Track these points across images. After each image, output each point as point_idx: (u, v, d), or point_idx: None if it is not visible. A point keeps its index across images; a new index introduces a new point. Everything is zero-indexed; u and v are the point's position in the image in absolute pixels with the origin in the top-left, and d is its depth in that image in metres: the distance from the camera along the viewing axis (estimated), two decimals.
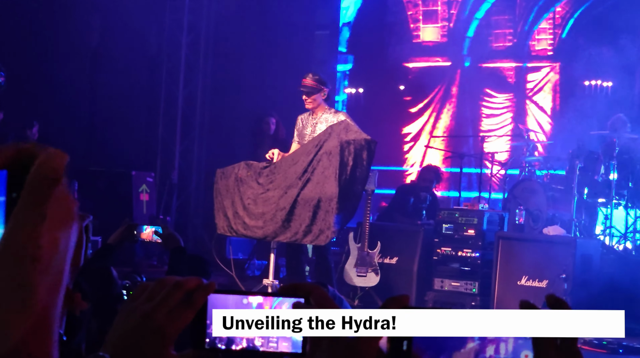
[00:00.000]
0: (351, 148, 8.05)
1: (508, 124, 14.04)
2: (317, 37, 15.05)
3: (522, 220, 9.98)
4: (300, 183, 8.19)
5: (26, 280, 1.00)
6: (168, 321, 1.23)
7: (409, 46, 14.81)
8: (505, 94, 14.27)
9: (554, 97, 14.00)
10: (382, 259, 9.93)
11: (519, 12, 14.20)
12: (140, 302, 1.26)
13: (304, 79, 8.70)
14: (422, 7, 14.85)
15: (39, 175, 1.03)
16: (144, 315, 1.24)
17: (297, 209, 8.16)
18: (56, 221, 1.03)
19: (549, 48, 14.09)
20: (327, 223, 8.03)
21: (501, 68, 14.40)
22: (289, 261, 8.86)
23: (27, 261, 1.00)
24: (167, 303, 1.24)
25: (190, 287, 1.26)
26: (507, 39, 14.35)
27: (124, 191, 12.31)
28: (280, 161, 8.43)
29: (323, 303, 1.25)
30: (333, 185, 8.01)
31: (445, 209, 10.22)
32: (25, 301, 1.00)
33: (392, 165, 14.09)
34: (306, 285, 1.27)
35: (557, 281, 8.74)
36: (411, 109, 14.67)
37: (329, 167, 8.06)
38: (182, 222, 13.93)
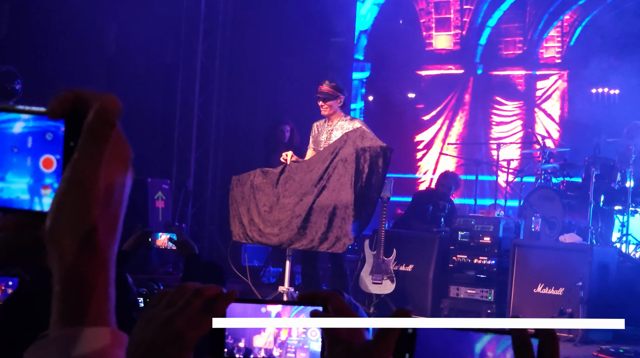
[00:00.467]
0: (367, 155, 8.05)
1: (518, 132, 14.03)
2: (332, 45, 15.05)
3: (538, 228, 9.95)
4: (316, 190, 8.19)
5: (88, 222, 1.02)
6: (188, 328, 1.24)
7: (422, 54, 14.81)
8: (515, 101, 14.27)
9: (562, 105, 13.99)
10: (398, 266, 9.92)
11: (529, 20, 14.20)
12: (160, 309, 1.26)
13: (320, 85, 8.73)
14: (435, 15, 14.84)
15: (96, 120, 1.05)
16: (164, 321, 1.24)
17: (312, 216, 8.16)
18: (112, 166, 1.05)
19: (557, 56, 14.08)
20: (344, 231, 8.03)
21: (511, 76, 14.39)
22: (304, 269, 8.85)
23: (87, 204, 1.01)
24: (188, 310, 1.24)
25: (211, 295, 1.26)
26: (517, 47, 14.34)
27: (139, 198, 12.33)
28: (296, 168, 8.43)
29: (341, 311, 1.25)
30: (349, 192, 8.00)
31: (461, 217, 10.21)
32: (89, 241, 1.01)
33: (405, 173, 14.08)
34: (324, 293, 1.28)
35: (574, 289, 8.70)
36: (424, 117, 14.66)
37: (344, 174, 8.06)
38: (197, 229, 13.95)
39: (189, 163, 14.04)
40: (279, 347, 1.31)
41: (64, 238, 1.01)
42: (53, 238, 1.02)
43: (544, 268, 9.09)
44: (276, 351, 1.30)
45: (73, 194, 1.02)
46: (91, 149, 1.03)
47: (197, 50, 14.09)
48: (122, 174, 1.06)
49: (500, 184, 11.93)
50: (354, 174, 8.00)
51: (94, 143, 1.04)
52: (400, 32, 14.95)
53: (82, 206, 1.02)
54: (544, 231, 9.98)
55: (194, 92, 14.10)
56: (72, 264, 1.01)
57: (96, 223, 1.02)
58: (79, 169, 1.02)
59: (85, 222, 1.02)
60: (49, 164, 1.06)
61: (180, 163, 14.08)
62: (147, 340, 1.23)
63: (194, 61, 14.12)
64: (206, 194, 14.16)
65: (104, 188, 1.03)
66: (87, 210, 1.02)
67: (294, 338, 1.32)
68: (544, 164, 10.71)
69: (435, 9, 14.83)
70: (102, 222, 1.03)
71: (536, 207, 10.08)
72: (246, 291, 9.46)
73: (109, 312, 1.03)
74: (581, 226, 9.86)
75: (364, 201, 8.06)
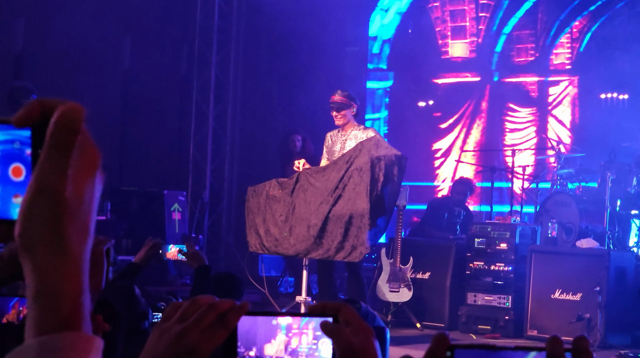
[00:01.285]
0: (382, 164, 8.06)
1: (532, 139, 14.01)
2: (347, 54, 15.08)
3: (554, 233, 9.92)
4: (332, 200, 8.20)
5: (58, 230, 1.02)
6: (201, 341, 1.25)
7: (438, 62, 14.82)
8: (528, 108, 14.27)
9: (573, 111, 13.97)
10: (415, 274, 9.92)
11: (541, 26, 14.20)
12: (173, 322, 1.28)
13: (333, 95, 8.75)
14: (451, 23, 14.85)
15: (57, 128, 1.04)
16: (177, 334, 1.26)
17: (328, 225, 8.17)
18: (80, 173, 1.04)
19: (567, 62, 14.08)
20: (360, 240, 8.03)
21: (524, 82, 14.39)
22: (320, 278, 8.86)
23: (56, 212, 1.02)
24: (201, 324, 1.26)
25: (224, 309, 1.28)
26: (529, 54, 14.35)
27: (156, 210, 12.38)
28: (311, 177, 8.44)
29: (352, 322, 1.27)
30: (364, 201, 8.01)
31: (478, 224, 10.19)
32: (60, 249, 1.01)
33: (423, 181, 14.07)
34: (335, 304, 1.29)
35: (591, 295, 8.68)
36: (441, 125, 14.66)
37: (359, 183, 8.07)
38: (214, 240, 13.99)
39: (204, 175, 14.08)
40: (289, 355, 1.32)
41: (35, 247, 1.01)
42: (24, 248, 1.02)
43: (561, 273, 9.07)
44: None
45: (40, 203, 1.02)
46: (54, 157, 1.02)
47: (211, 62, 14.15)
48: (90, 181, 1.06)
49: (516, 191, 11.91)
50: (370, 183, 8.01)
51: (56, 150, 1.03)
52: (416, 40, 14.97)
53: (51, 214, 1.02)
54: (560, 236, 9.96)
55: (208, 104, 14.16)
56: (44, 272, 1.01)
57: (66, 231, 1.02)
58: (43, 178, 1.02)
59: (55, 231, 1.02)
60: (18, 172, 1.07)
61: (196, 175, 14.13)
62: (161, 353, 1.25)
63: (208, 73, 14.18)
64: (222, 205, 14.19)
65: (73, 195, 1.03)
66: (57, 219, 1.02)
67: (305, 346, 1.34)
68: (560, 169, 10.68)
69: (451, 17, 14.84)
70: (73, 229, 1.03)
71: (552, 213, 10.05)
72: (264, 301, 9.48)
73: (83, 318, 1.03)
74: (598, 231, 9.83)
75: (380, 210, 8.07)
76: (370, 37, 15.14)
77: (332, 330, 1.26)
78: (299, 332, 1.34)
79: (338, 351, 1.25)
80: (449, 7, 14.83)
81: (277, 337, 1.33)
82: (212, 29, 14.18)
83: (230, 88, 14.37)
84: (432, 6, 14.95)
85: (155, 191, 12.61)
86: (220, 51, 14.29)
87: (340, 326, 1.26)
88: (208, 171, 14.10)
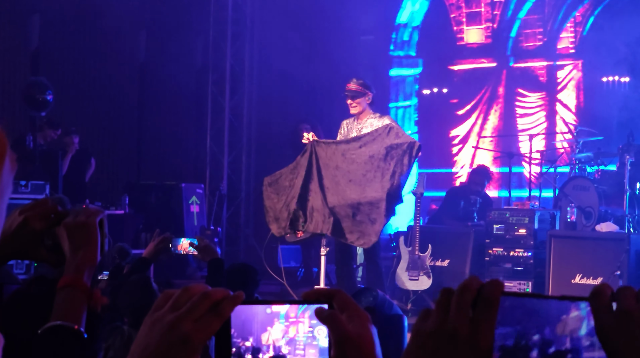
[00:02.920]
0: (394, 153, 8.08)
1: (542, 123, 13.98)
2: (364, 42, 15.04)
3: (573, 218, 9.86)
4: (343, 185, 8.24)
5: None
6: (195, 330, 1.23)
7: (454, 49, 14.77)
8: (537, 93, 14.22)
9: (578, 94, 13.93)
10: (434, 262, 9.88)
11: (548, 10, 14.14)
12: (166, 311, 1.25)
13: (348, 83, 8.76)
14: (466, 9, 14.78)
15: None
16: (170, 324, 1.23)
17: (338, 208, 8.21)
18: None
19: (571, 46, 14.03)
20: (369, 227, 8.07)
21: (532, 67, 14.34)
22: (338, 268, 8.85)
23: None
24: (194, 313, 1.24)
25: (217, 298, 1.25)
26: (537, 39, 14.29)
27: (174, 203, 12.41)
28: (326, 160, 8.44)
29: (347, 307, 1.25)
30: (375, 189, 8.05)
31: (496, 210, 10.15)
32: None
33: (442, 168, 14.04)
34: (329, 290, 1.27)
35: (612, 278, 8.62)
36: (458, 112, 14.61)
37: (370, 170, 8.10)
38: (232, 232, 14.00)
39: (222, 167, 14.09)
40: (287, 345, 1.30)
41: None
42: None
43: (581, 258, 9.02)
44: (285, 348, 1.30)
45: None
46: None
47: (226, 53, 14.15)
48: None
49: (532, 176, 11.87)
50: (382, 171, 8.03)
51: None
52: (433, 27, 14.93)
53: None
54: (579, 221, 9.89)
55: (224, 96, 14.16)
56: None
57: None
58: None
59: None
60: None
61: (213, 167, 14.14)
62: (153, 343, 1.23)
63: (223, 65, 14.18)
64: (240, 197, 14.20)
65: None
66: None
67: (302, 335, 1.32)
68: (578, 153, 10.61)
69: (466, 3, 14.77)
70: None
71: (571, 197, 9.99)
72: (283, 292, 9.48)
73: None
74: (617, 214, 9.76)
75: (390, 198, 8.08)
76: (400, 24, 15.09)
77: (326, 317, 1.23)
78: (296, 320, 1.31)
79: (333, 337, 1.23)
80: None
81: (275, 326, 1.31)
82: (226, 21, 14.18)
83: (245, 79, 14.36)
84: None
85: (173, 185, 12.63)
86: (235, 42, 14.28)
87: (334, 312, 1.24)
88: (225, 163, 14.10)
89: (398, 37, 15.17)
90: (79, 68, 13.20)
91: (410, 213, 9.96)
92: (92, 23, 13.07)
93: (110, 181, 13.22)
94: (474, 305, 1.11)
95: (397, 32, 15.15)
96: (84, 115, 12.99)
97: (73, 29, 13.16)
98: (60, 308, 1.88)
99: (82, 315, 1.89)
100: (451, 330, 1.11)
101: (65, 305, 1.88)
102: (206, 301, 1.24)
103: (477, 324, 1.10)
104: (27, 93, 10.97)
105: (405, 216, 11.07)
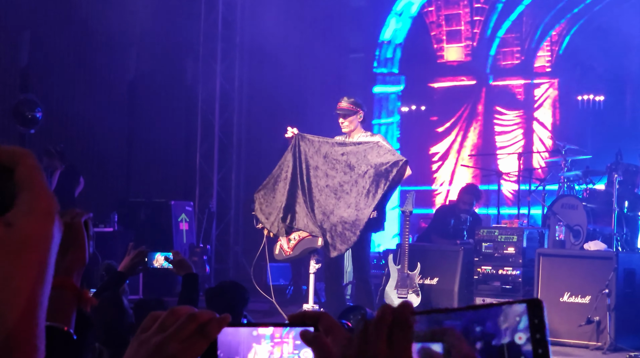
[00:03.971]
0: (371, 172, 8.17)
1: (519, 141, 14.11)
2: (351, 61, 15.10)
3: (562, 236, 9.88)
4: (320, 187, 8.33)
5: (8, 272, 1.02)
6: (181, 352, 1.24)
7: (434, 66, 14.90)
8: (515, 111, 14.36)
9: (554, 113, 14.06)
10: (423, 280, 9.89)
11: (526, 29, 14.29)
12: (153, 333, 1.26)
13: (339, 102, 8.77)
14: (446, 27, 14.89)
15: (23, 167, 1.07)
16: (156, 345, 1.24)
17: (317, 211, 8.31)
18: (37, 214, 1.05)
19: (547, 65, 14.19)
20: (344, 238, 8.16)
21: (510, 85, 14.47)
22: (328, 286, 8.86)
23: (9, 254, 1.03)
24: (180, 335, 1.25)
25: (204, 320, 1.26)
26: (515, 57, 14.43)
27: (163, 221, 12.40)
28: (309, 156, 8.49)
29: (332, 330, 1.26)
30: (348, 203, 8.21)
31: (485, 228, 10.17)
32: (11, 292, 1.02)
33: (421, 185, 14.09)
34: (314, 313, 1.28)
35: (600, 297, 8.64)
36: (438, 129, 14.71)
37: (348, 182, 8.25)
38: (222, 250, 13.99)
39: (211, 184, 14.09)
40: None
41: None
42: None
43: (570, 276, 9.03)
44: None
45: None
46: None
47: (215, 71, 14.17)
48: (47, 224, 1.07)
49: (505, 194, 11.93)
50: (357, 188, 8.15)
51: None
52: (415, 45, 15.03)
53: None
54: (568, 239, 9.91)
55: (214, 113, 14.18)
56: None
57: (18, 275, 1.03)
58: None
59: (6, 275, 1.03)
60: None
61: (203, 185, 14.14)
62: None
63: (213, 82, 14.21)
64: (230, 214, 14.20)
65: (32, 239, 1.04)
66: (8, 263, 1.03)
67: (287, 355, 1.32)
68: (566, 172, 10.65)
69: (446, 21, 14.88)
70: (26, 273, 1.04)
71: (560, 215, 10.02)
72: (272, 310, 9.46)
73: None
74: (606, 233, 9.79)
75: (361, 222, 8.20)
76: (383, 42, 15.17)
77: (311, 339, 1.24)
78: (281, 341, 1.32)
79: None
80: (444, 12, 14.87)
81: (261, 346, 1.32)
82: (216, 39, 14.21)
83: (235, 97, 14.39)
84: (427, 11, 14.98)
85: (162, 202, 12.62)
86: (225, 60, 14.31)
87: (319, 335, 1.25)
88: (215, 181, 14.10)
89: (381, 55, 15.25)
90: (68, 85, 13.20)
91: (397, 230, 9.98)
92: (82, 41, 13.09)
93: (100, 199, 13.20)
94: (390, 329, 1.19)
95: (381, 49, 15.23)
96: (73, 132, 12.98)
97: (63, 47, 13.17)
98: (50, 309, 1.89)
99: (72, 316, 1.90)
100: (372, 354, 1.18)
101: (54, 306, 1.89)
102: (192, 323, 1.25)
103: (393, 345, 1.18)
104: (17, 110, 10.97)
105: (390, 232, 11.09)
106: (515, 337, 1.14)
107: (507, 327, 1.14)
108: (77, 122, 13.22)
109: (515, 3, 14.30)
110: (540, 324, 1.13)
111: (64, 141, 11.97)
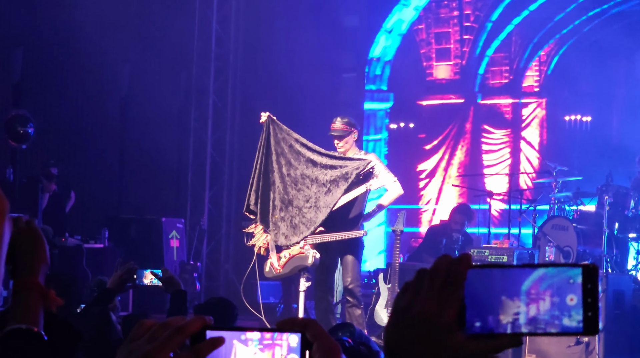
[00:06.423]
0: (342, 172, 8.24)
1: (506, 160, 14.18)
2: (344, 80, 15.14)
3: (552, 257, 9.90)
4: (284, 184, 8.53)
5: None
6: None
7: (423, 84, 14.97)
8: (502, 129, 14.43)
9: (541, 132, 14.15)
10: None
11: (515, 49, 14.39)
12: (142, 343, 1.27)
13: (332, 123, 8.67)
14: (435, 45, 14.97)
15: None
16: (145, 355, 1.25)
17: (278, 203, 8.55)
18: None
19: (536, 84, 14.27)
20: (297, 231, 8.33)
21: (498, 104, 14.56)
22: (317, 303, 8.84)
23: None
24: (168, 346, 1.25)
25: (193, 331, 1.27)
26: (503, 76, 14.52)
27: (154, 237, 12.38)
28: (276, 142, 8.80)
29: (319, 338, 1.27)
30: (315, 201, 8.34)
31: (475, 248, 10.17)
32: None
33: (408, 203, 14.10)
34: (303, 319, 1.29)
35: None
36: (425, 146, 14.76)
37: (316, 183, 8.31)
38: (212, 267, 13.96)
39: (203, 202, 14.08)
40: None
41: None
42: None
43: None
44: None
45: None
46: None
47: (208, 89, 14.20)
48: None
49: (493, 214, 11.95)
50: (324, 188, 8.26)
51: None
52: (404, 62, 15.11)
53: None
54: (558, 260, 9.93)
55: (206, 131, 14.19)
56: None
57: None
58: None
59: None
60: None
61: (194, 202, 14.13)
62: None
63: (205, 101, 14.23)
64: (221, 232, 14.18)
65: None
66: None
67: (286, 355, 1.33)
68: (557, 193, 10.69)
69: (436, 39, 14.97)
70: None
71: (550, 236, 10.04)
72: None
73: None
74: (595, 254, 9.82)
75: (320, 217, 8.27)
76: (373, 58, 15.23)
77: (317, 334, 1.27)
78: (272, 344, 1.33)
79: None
80: (434, 30, 14.95)
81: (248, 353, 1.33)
82: (209, 57, 14.24)
83: (228, 116, 14.40)
84: (417, 29, 15.06)
85: (153, 219, 12.61)
86: (218, 78, 14.34)
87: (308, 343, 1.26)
88: (206, 199, 14.10)
89: (370, 72, 15.31)
90: (61, 101, 13.21)
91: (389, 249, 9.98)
92: (75, 57, 13.11)
93: (91, 215, 13.18)
94: (442, 285, 1.20)
95: (370, 66, 15.28)
96: (65, 148, 12.98)
97: (56, 62, 13.19)
98: (18, 311, 1.91)
99: (40, 316, 1.92)
100: (420, 308, 1.20)
101: (22, 307, 1.91)
102: (181, 335, 1.26)
103: (441, 303, 1.19)
104: (9, 125, 10.97)
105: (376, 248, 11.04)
106: (567, 299, 1.18)
107: (560, 287, 1.18)
108: (69, 138, 13.22)
109: (505, 23, 14.39)
110: (592, 289, 1.17)
111: (55, 157, 11.96)
